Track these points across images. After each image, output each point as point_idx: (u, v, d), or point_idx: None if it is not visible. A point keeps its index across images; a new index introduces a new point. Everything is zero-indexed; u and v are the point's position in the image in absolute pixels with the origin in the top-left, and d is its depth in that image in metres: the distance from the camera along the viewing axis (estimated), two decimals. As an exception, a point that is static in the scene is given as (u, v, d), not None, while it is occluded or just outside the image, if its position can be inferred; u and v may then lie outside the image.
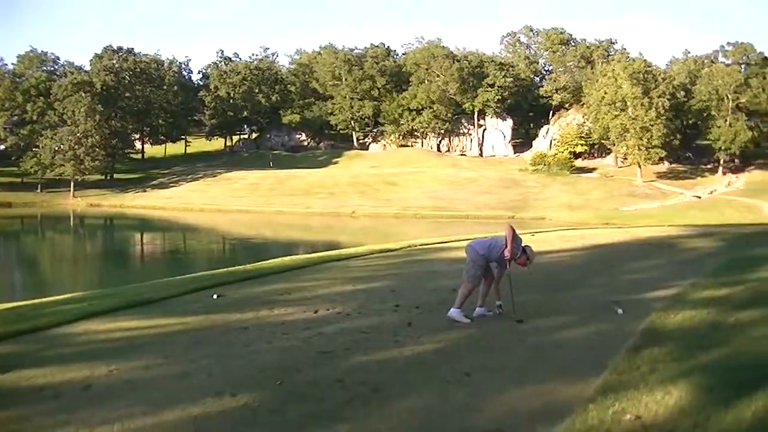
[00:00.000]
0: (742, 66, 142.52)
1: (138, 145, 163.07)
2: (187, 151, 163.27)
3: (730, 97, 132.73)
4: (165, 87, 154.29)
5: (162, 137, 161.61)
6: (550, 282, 17.94)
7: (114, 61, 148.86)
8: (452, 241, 29.85)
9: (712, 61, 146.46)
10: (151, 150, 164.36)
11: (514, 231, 13.70)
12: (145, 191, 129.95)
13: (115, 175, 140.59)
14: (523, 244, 13.88)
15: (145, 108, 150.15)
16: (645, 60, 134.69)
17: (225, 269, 22.23)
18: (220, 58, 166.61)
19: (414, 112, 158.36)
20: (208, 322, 13.37)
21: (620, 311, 13.85)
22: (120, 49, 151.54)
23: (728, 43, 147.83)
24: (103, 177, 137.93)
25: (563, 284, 17.63)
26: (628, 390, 8.48)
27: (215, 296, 15.95)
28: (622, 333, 11.99)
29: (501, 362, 10.34)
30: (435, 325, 12.90)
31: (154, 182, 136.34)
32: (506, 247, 13.58)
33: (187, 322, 13.39)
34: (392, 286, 16.93)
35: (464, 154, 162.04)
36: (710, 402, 7.88)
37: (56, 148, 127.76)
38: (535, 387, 9.04)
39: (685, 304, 14.18)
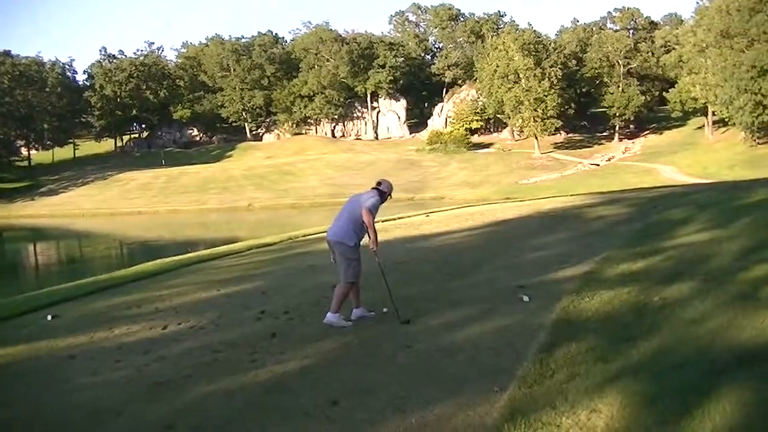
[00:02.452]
0: (631, 31, 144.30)
1: (24, 152, 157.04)
2: (77, 155, 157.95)
3: (620, 62, 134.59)
4: (48, 89, 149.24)
5: (49, 142, 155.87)
6: (444, 269, 15.61)
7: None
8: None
9: (601, 28, 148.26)
10: (39, 156, 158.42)
11: (372, 215, 11.44)
12: (33, 200, 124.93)
13: (1, 185, 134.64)
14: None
15: (27, 113, 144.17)
16: (535, 31, 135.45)
17: (72, 283, 19.50)
18: (104, 55, 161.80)
19: (306, 99, 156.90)
20: (29, 351, 10.92)
21: (526, 298, 11.70)
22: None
23: (615, 9, 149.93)
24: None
25: (459, 270, 15.25)
26: (543, 409, 6.68)
27: (49, 317, 13.38)
28: (530, 326, 9.99)
29: (380, 381, 8.23)
30: (304, 334, 10.69)
31: (43, 189, 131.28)
32: (369, 237, 11.59)
33: (4, 354, 10.89)
34: (263, 287, 14.51)
35: (360, 138, 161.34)
36: (653, 419, 6.15)
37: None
38: (421, 415, 7.06)
39: (600, 283, 12.11)
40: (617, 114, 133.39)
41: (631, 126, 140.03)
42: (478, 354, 8.92)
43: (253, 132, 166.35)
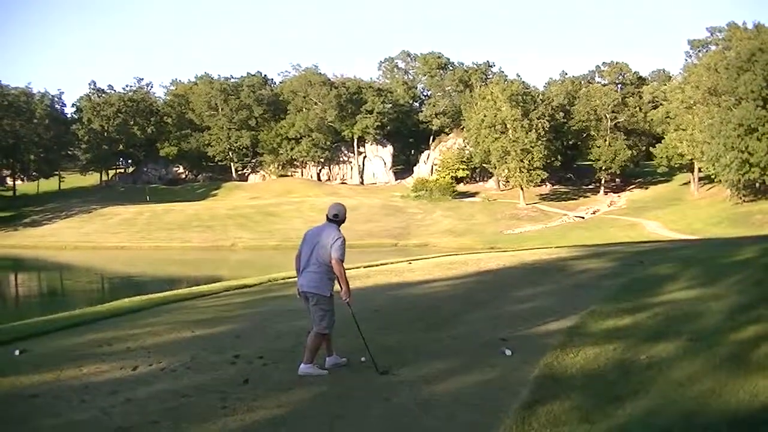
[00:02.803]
0: (619, 86, 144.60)
1: (9, 182, 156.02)
2: (62, 187, 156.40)
3: (608, 116, 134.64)
4: (36, 120, 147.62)
5: (34, 173, 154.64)
6: (424, 318, 15.18)
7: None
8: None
9: (589, 82, 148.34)
10: (24, 187, 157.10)
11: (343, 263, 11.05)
12: (16, 230, 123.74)
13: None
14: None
15: (14, 143, 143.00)
16: (523, 82, 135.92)
17: (45, 317, 18.94)
18: (93, 89, 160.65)
19: (293, 141, 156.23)
20: (-9, 388, 10.41)
21: (508, 352, 11.32)
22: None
23: (604, 63, 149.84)
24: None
25: (440, 320, 14.83)
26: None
27: (17, 352, 12.84)
28: (512, 382, 9.66)
29: (353, 438, 7.75)
30: (278, 381, 10.29)
31: (27, 220, 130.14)
32: (344, 286, 11.10)
33: (-36, 391, 10.41)
34: (238, 331, 14.00)
35: (345, 183, 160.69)
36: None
37: None
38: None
39: (585, 338, 11.78)
40: (603, 167, 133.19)
41: (617, 180, 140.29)
42: (458, 409, 8.58)
43: (239, 172, 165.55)
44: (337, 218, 11.35)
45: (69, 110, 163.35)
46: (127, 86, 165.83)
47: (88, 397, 9.72)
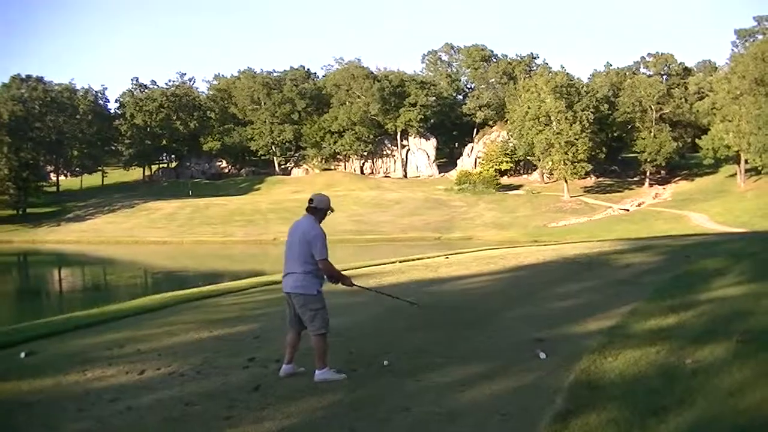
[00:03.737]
0: (664, 77, 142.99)
1: (53, 177, 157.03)
2: (105, 182, 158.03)
3: (653, 108, 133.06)
4: (79, 116, 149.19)
5: (77, 168, 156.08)
6: (456, 316, 14.49)
7: (23, 90, 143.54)
8: (354, 268, 26.46)
9: (634, 73, 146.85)
10: (67, 182, 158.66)
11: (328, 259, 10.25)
12: (59, 225, 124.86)
13: (28, 210, 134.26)
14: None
15: (57, 138, 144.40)
16: (567, 73, 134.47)
17: (62, 315, 18.36)
18: (136, 85, 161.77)
19: (336, 135, 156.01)
20: (-11, 395, 9.77)
21: (543, 355, 10.51)
22: (29, 77, 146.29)
23: (649, 54, 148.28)
24: (14, 212, 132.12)
25: (473, 319, 14.11)
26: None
27: (23, 354, 12.21)
28: (546, 389, 8.81)
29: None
30: (291, 387, 9.54)
31: (70, 215, 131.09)
32: (341, 279, 10.54)
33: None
34: (258, 331, 13.24)
35: (388, 176, 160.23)
36: None
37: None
38: None
39: (626, 340, 10.90)
40: (648, 159, 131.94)
41: (662, 172, 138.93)
42: (485, 421, 7.79)
43: (282, 166, 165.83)
44: (313, 205, 10.39)
45: (112, 106, 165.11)
46: (169, 81, 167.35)
47: (87, 405, 9.07)
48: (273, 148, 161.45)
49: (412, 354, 10.88)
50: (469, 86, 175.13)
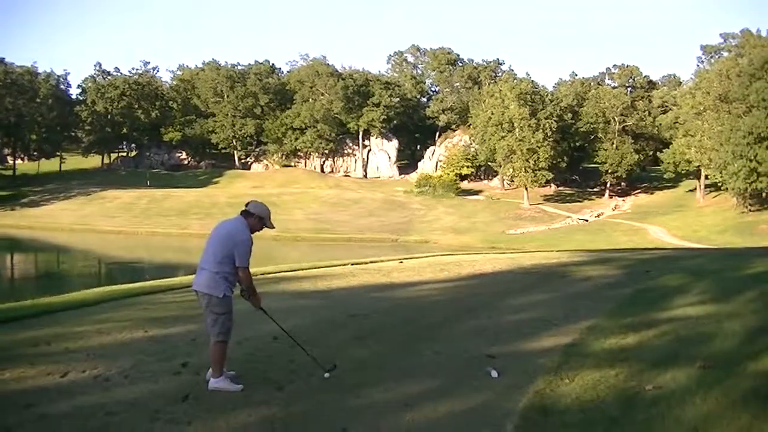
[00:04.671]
0: (628, 89, 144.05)
1: (9, 160, 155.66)
2: (63, 168, 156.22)
3: (616, 119, 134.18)
4: (39, 100, 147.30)
5: (35, 153, 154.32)
6: (404, 327, 13.74)
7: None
8: (306, 269, 25.81)
9: (599, 84, 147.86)
10: (24, 166, 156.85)
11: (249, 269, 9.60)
12: (13, 210, 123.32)
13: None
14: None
15: (15, 122, 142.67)
16: (532, 81, 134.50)
17: None
18: (98, 71, 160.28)
19: (297, 132, 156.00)
20: None
21: (495, 374, 9.82)
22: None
23: (614, 66, 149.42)
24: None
25: (422, 330, 13.39)
26: None
27: (-65, 351, 11.36)
28: (496, 413, 8.18)
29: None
30: (222, 398, 8.78)
31: (25, 200, 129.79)
32: (253, 296, 9.76)
33: None
34: (196, 333, 12.25)
35: (348, 175, 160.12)
36: None
37: None
38: None
39: (583, 359, 10.30)
40: (609, 170, 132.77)
41: (623, 184, 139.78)
42: (426, 449, 7.11)
43: (242, 160, 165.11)
44: (247, 209, 9.71)
45: (74, 91, 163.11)
46: (133, 69, 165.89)
47: (-3, 411, 8.22)
48: (234, 141, 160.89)
49: (356, 367, 10.20)
50: (433, 89, 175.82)
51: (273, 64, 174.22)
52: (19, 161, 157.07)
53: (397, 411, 8.29)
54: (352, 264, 27.19)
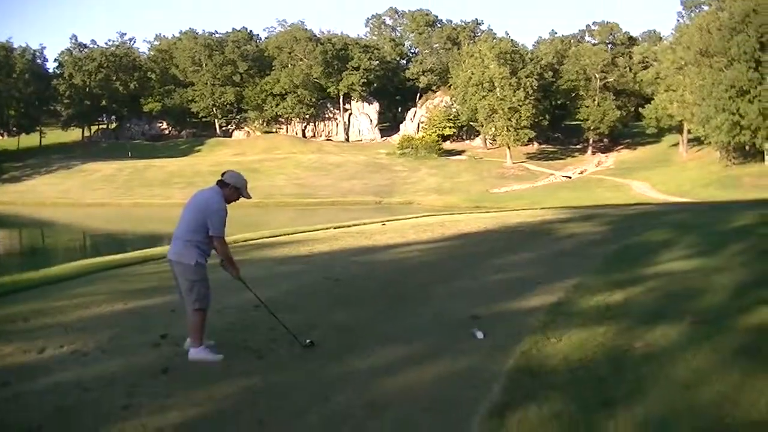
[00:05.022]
0: (609, 45, 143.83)
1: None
2: (43, 143, 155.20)
3: (597, 76, 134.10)
4: (15, 75, 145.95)
5: (14, 128, 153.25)
6: (387, 290, 13.55)
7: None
8: (288, 234, 25.66)
9: (579, 41, 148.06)
10: (4, 142, 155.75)
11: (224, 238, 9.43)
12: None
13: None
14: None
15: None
16: (512, 40, 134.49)
17: None
18: (74, 44, 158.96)
19: (278, 98, 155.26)
20: None
21: (480, 335, 9.60)
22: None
23: (594, 23, 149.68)
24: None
25: (405, 293, 13.23)
26: None
27: None
28: (482, 375, 7.95)
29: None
30: (202, 370, 8.56)
31: (6, 176, 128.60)
32: (230, 265, 9.57)
33: None
34: (175, 304, 11.89)
35: (330, 139, 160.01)
36: None
37: None
38: None
39: (570, 318, 10.10)
40: (591, 127, 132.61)
41: (605, 140, 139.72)
42: (411, 413, 6.87)
43: (223, 128, 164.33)
44: (222, 179, 9.59)
45: (51, 65, 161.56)
46: (109, 41, 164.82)
47: (-30, 390, 7.96)
48: (214, 110, 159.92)
49: (337, 333, 10.00)
50: (413, 51, 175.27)
51: (251, 31, 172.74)
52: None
53: (380, 377, 8.07)
54: (335, 228, 27.05)
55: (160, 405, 7.30)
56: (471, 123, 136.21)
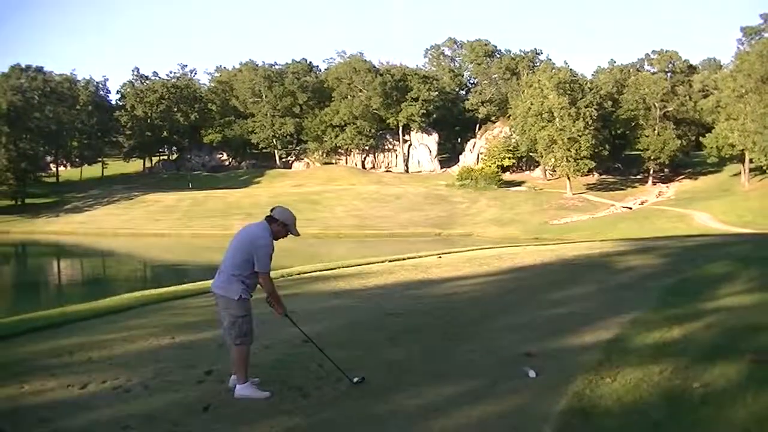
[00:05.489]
0: (668, 74, 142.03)
1: (52, 168, 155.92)
2: (105, 174, 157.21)
3: (657, 105, 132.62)
4: (79, 107, 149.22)
5: (77, 159, 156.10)
6: (439, 326, 13.26)
7: (22, 80, 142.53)
8: (342, 267, 25.39)
9: (638, 70, 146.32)
10: (67, 173, 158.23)
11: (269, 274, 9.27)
12: (58, 216, 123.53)
13: (27, 200, 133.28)
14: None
15: (56, 129, 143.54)
16: (571, 70, 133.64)
17: (19, 316, 16.88)
18: (136, 76, 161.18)
19: (337, 129, 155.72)
20: None
21: (532, 373, 9.33)
22: (29, 67, 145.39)
23: (653, 51, 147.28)
24: (13, 202, 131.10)
25: (458, 329, 12.93)
26: None
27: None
28: (533, 416, 7.68)
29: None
30: (244, 408, 8.40)
31: (68, 206, 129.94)
32: (276, 303, 9.40)
33: None
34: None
35: (390, 171, 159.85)
36: None
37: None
38: None
39: (625, 356, 9.77)
40: (652, 157, 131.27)
41: (666, 170, 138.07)
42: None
43: (283, 159, 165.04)
44: (271, 214, 9.38)
45: (113, 97, 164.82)
46: (171, 73, 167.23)
47: (13, 426, 7.91)
48: (274, 141, 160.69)
49: (386, 369, 9.81)
50: (471, 81, 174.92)
51: (310, 62, 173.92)
52: (61, 168, 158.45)
53: (427, 417, 7.85)
54: (390, 261, 26.77)
55: (198, 448, 7.13)
56: (530, 153, 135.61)
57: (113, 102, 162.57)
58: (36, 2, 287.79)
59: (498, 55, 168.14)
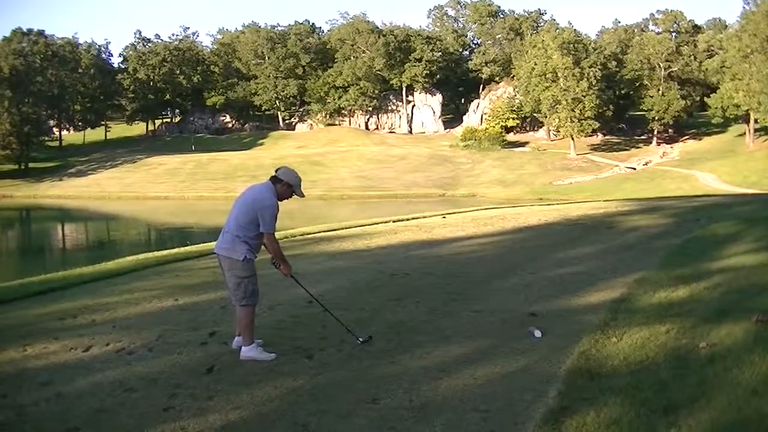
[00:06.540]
0: (673, 34, 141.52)
1: (55, 132, 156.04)
2: (108, 137, 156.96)
3: (661, 65, 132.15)
4: (81, 70, 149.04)
5: (80, 123, 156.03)
6: (444, 286, 13.23)
7: (24, 44, 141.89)
8: (346, 228, 25.36)
9: (643, 30, 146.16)
10: (70, 137, 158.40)
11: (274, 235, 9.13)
12: (61, 180, 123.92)
13: (30, 165, 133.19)
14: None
15: (59, 93, 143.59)
16: (575, 30, 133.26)
17: (19, 281, 16.79)
18: (138, 39, 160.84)
19: (340, 90, 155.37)
20: None
21: (538, 333, 9.31)
22: (30, 31, 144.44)
23: (658, 11, 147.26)
24: (16, 166, 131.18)
25: (463, 289, 12.93)
26: None
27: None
28: (538, 376, 7.67)
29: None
30: (247, 370, 8.35)
31: (72, 170, 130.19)
32: (281, 263, 9.25)
33: None
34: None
35: (393, 132, 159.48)
36: None
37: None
38: None
39: (631, 315, 9.75)
40: (656, 118, 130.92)
41: (670, 130, 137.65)
42: (463, 418, 6.58)
43: (286, 121, 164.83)
44: (275, 175, 9.25)
45: (115, 60, 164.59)
46: (173, 35, 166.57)
47: (14, 389, 7.83)
48: (277, 103, 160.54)
49: (391, 331, 9.79)
50: (475, 42, 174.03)
51: (313, 23, 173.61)
52: (64, 132, 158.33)
53: (432, 378, 7.81)
54: (394, 221, 26.72)
55: (201, 407, 7.12)
56: (534, 114, 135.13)
57: (115, 65, 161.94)
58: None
59: (501, 15, 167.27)
